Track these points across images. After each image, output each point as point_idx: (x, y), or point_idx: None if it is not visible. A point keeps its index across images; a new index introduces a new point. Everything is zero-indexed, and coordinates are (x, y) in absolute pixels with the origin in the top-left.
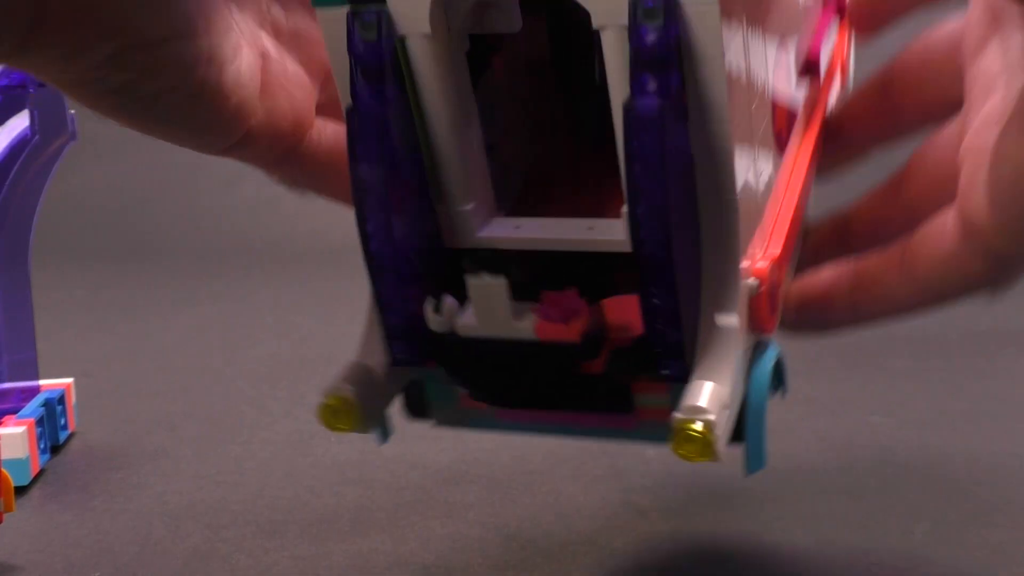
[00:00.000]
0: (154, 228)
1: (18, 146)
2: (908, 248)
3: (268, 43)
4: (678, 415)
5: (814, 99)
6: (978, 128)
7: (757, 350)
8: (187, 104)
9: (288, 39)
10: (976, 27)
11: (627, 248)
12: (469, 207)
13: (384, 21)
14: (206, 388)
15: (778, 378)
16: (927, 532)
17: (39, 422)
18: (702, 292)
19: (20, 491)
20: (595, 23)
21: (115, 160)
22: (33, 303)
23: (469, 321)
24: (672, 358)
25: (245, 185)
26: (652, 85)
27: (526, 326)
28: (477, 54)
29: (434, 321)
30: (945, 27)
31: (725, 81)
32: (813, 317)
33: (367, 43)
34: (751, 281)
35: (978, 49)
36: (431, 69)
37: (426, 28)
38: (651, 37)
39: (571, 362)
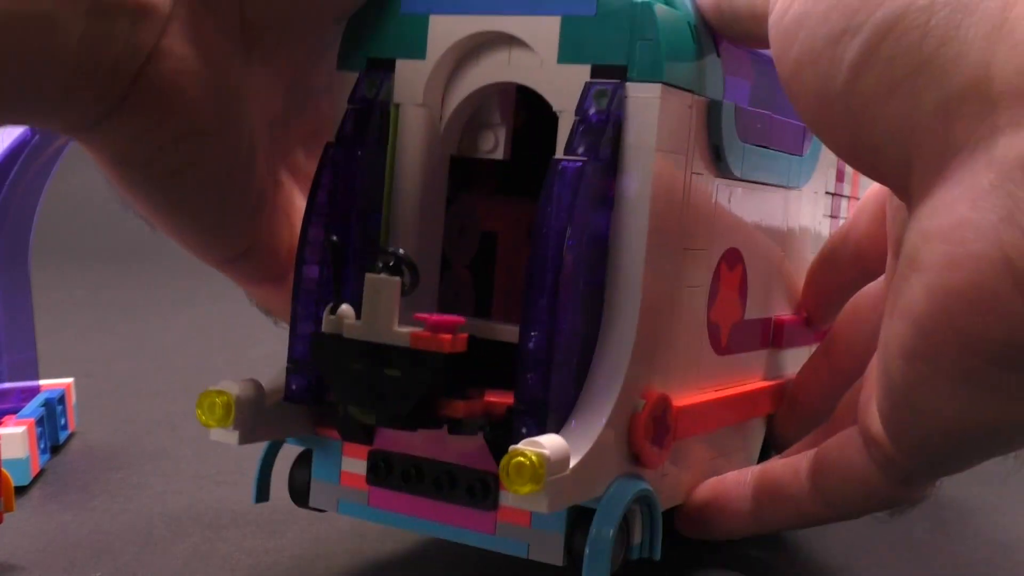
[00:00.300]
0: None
1: (18, 146)
2: (815, 457)
3: (284, 176)
4: (513, 447)
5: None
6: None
7: (627, 477)
8: (219, 198)
9: (302, 181)
10: (889, 271)
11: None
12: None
13: (386, 84)
14: (206, 388)
15: (651, 534)
16: (927, 532)
17: (39, 422)
18: (585, 385)
19: (20, 491)
20: (555, 108)
21: None
22: (33, 303)
23: (356, 324)
24: (533, 420)
25: None
26: (582, 148)
27: (404, 333)
28: (461, 173)
29: (327, 323)
30: (873, 284)
31: (651, 174)
32: (712, 517)
33: (367, 97)
34: (638, 400)
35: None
36: (416, 137)
37: (419, 99)
38: (593, 111)
39: (433, 376)
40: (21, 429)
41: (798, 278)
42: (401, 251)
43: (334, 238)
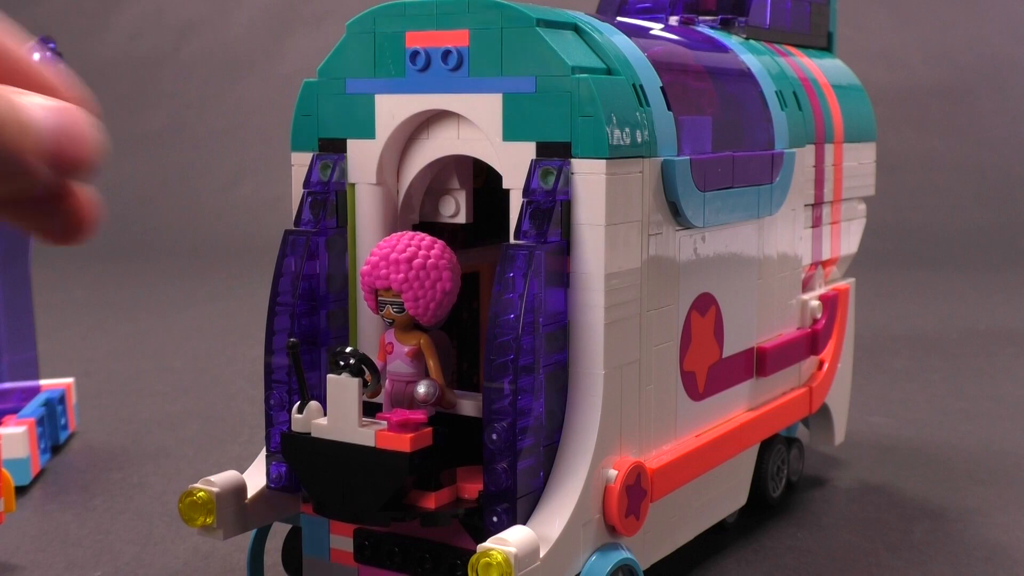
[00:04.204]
0: (154, 228)
1: None
2: None
3: None
4: (481, 545)
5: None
6: None
7: (605, 549)
8: None
9: None
10: None
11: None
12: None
13: (339, 165)
14: (206, 388)
15: None
16: (927, 532)
17: (40, 422)
18: (555, 463)
19: (21, 491)
20: (504, 185)
21: (115, 160)
22: (33, 303)
23: (323, 423)
24: (503, 508)
25: (245, 185)
26: (532, 230)
27: (368, 433)
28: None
29: (295, 422)
30: None
31: (604, 249)
32: None
33: (321, 181)
34: (610, 472)
35: None
36: (374, 215)
37: (372, 178)
38: (540, 192)
39: (399, 474)
40: (22, 429)
41: (780, 300)
42: (360, 351)
43: (293, 339)
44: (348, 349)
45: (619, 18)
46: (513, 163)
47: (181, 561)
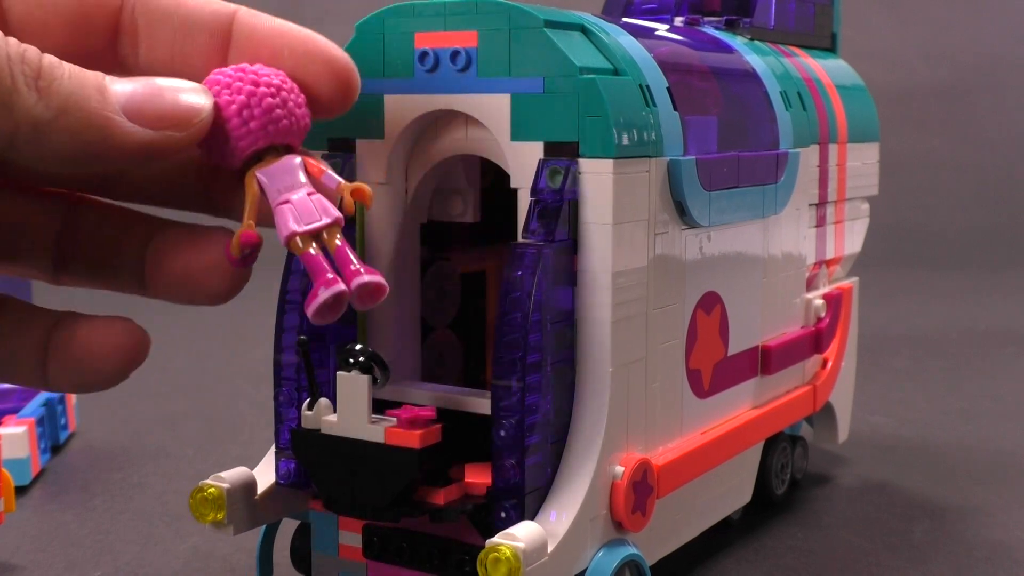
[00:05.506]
0: None
1: None
2: None
3: None
4: (490, 540)
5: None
6: None
7: (611, 545)
8: None
9: None
10: None
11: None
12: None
13: (348, 164)
14: (206, 388)
15: None
16: (927, 532)
17: (40, 422)
18: (563, 459)
19: (21, 491)
20: (512, 184)
21: None
22: (32, 303)
23: (333, 420)
24: (511, 503)
25: None
26: (540, 229)
27: (378, 429)
28: (434, 239)
29: (305, 418)
30: None
31: (611, 248)
32: None
33: None
34: (616, 468)
35: None
36: (382, 214)
37: (382, 177)
38: (548, 191)
39: (408, 470)
40: (22, 429)
41: (784, 299)
42: (369, 348)
43: (303, 337)
44: (358, 347)
45: (625, 19)
46: (521, 163)
47: (181, 561)
